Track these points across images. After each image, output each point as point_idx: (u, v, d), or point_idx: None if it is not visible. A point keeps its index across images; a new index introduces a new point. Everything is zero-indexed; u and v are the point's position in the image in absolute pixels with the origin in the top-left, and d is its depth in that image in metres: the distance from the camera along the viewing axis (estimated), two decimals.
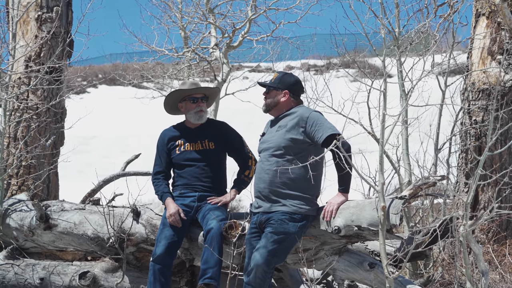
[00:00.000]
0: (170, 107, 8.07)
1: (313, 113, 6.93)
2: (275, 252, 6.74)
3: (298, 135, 6.86)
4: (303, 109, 7.05)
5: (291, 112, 7.04)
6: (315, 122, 6.84)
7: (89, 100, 38.56)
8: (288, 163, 6.77)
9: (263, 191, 6.92)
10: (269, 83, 7.20)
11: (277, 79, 7.16)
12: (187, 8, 17.60)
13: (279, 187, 6.84)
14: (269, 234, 6.77)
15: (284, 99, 7.11)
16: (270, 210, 6.85)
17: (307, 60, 40.73)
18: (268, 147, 7.00)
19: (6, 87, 9.37)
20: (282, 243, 6.75)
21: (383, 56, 7.10)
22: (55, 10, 10.23)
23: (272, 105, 7.15)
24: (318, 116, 6.91)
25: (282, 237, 6.74)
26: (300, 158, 6.71)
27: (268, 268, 6.73)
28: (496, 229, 10.39)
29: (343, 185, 6.81)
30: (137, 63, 21.33)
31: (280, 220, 6.77)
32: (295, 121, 6.90)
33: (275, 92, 7.13)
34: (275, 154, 6.91)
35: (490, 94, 10.48)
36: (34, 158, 9.76)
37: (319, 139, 6.76)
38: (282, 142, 6.89)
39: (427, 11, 9.94)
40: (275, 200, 6.85)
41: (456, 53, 10.62)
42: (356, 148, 7.20)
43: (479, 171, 6.34)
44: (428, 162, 9.91)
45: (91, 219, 8.33)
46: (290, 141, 6.86)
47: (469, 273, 6.49)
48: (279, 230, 6.75)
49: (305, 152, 6.80)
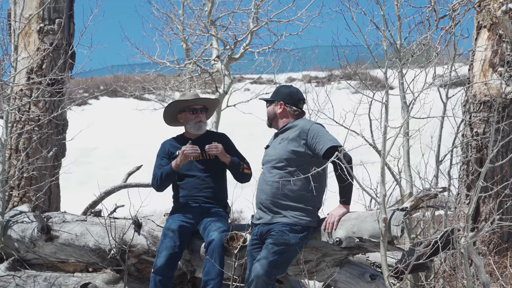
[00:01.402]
0: (169, 119, 8.08)
1: (314, 125, 6.97)
2: (276, 263, 6.74)
3: (300, 147, 6.89)
4: (304, 122, 7.10)
5: (293, 125, 7.08)
6: (316, 134, 6.87)
7: (91, 111, 38.62)
8: (290, 175, 6.79)
9: (264, 203, 6.94)
10: (266, 98, 7.36)
11: (273, 93, 7.32)
12: (189, 20, 17.68)
13: (281, 198, 6.85)
14: (269, 245, 6.77)
15: (280, 110, 7.19)
16: (271, 221, 6.87)
17: (308, 72, 40.73)
18: (270, 159, 7.04)
19: (8, 99, 9.38)
20: (283, 255, 6.75)
21: (384, 68, 7.12)
22: (57, 22, 10.24)
23: (271, 118, 7.26)
24: (319, 128, 6.94)
25: (282, 248, 6.75)
26: (302, 170, 6.74)
27: (268, 279, 6.73)
28: (497, 241, 10.37)
29: (344, 197, 6.83)
30: (138, 75, 21.41)
31: (280, 232, 6.78)
32: (297, 133, 6.94)
33: (273, 106, 7.24)
34: (276, 166, 6.94)
35: (491, 106, 10.47)
36: (36, 169, 9.76)
37: (320, 151, 6.79)
38: (284, 154, 6.92)
39: (429, 23, 9.96)
40: (276, 212, 6.86)
41: (457, 65, 10.62)
42: (358, 159, 7.21)
43: (481, 183, 6.35)
44: (430, 174, 9.91)
45: (93, 230, 8.33)
46: (292, 153, 6.89)
47: (470, 284, 6.49)
48: (280, 241, 6.75)
49: (307, 164, 6.82)
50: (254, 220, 7.11)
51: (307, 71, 40.01)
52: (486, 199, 10.39)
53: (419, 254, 6.41)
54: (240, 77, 33.66)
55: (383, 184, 6.47)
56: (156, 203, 12.24)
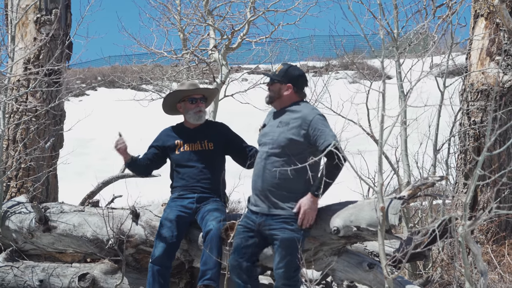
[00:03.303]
0: (168, 108, 8.07)
1: (317, 117, 6.82)
2: (293, 263, 6.72)
3: (299, 137, 6.79)
4: (307, 110, 6.94)
5: (294, 109, 6.94)
6: (318, 127, 6.76)
7: (88, 102, 38.57)
8: (287, 163, 6.72)
9: (261, 191, 6.86)
10: (273, 75, 7.10)
11: (281, 72, 7.05)
12: (186, 10, 17.60)
13: (278, 188, 6.80)
14: (279, 249, 6.75)
15: (287, 93, 6.99)
16: (269, 212, 6.82)
17: (306, 61, 40.74)
18: (267, 142, 6.93)
19: (5, 89, 9.37)
20: (294, 251, 6.69)
21: (382, 57, 7.10)
22: (54, 12, 10.24)
23: (275, 97, 7.04)
24: (322, 121, 6.81)
25: (291, 248, 6.70)
26: (299, 159, 6.66)
27: (292, 281, 6.75)
28: (495, 230, 10.40)
29: (321, 191, 6.70)
30: (136, 65, 21.35)
31: (284, 229, 6.73)
32: (298, 122, 6.81)
33: (279, 85, 7.01)
34: (274, 152, 6.84)
35: (488, 94, 10.48)
36: (33, 160, 9.77)
37: (321, 145, 6.69)
38: (282, 141, 6.81)
39: (426, 12, 9.95)
40: (274, 202, 6.80)
41: (454, 54, 10.63)
42: (355, 149, 7.21)
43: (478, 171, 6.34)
44: (427, 162, 9.93)
45: (90, 221, 8.33)
46: (289, 141, 6.80)
47: (468, 273, 6.49)
48: (286, 239, 6.71)
49: (304, 153, 6.76)
50: (250, 205, 7.03)
51: (304, 61, 40.02)
52: (483, 187, 10.42)
53: (417, 243, 6.41)
54: (238, 67, 33.57)
55: (381, 173, 6.46)
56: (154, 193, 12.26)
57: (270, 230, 6.80)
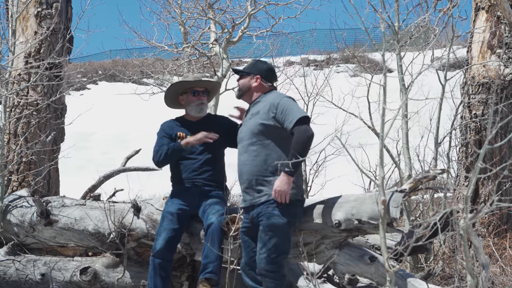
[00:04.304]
0: (170, 100, 8.06)
1: (284, 99, 6.87)
2: (275, 247, 6.71)
3: (269, 121, 6.79)
4: (274, 95, 7.01)
5: (263, 99, 7.03)
6: (285, 108, 6.76)
7: (89, 96, 38.53)
8: (265, 149, 6.75)
9: (245, 183, 6.88)
10: (241, 69, 7.26)
11: (250, 65, 7.23)
12: (187, 3, 17.57)
13: (260, 175, 6.79)
14: (262, 234, 6.75)
15: (256, 84, 7.11)
16: (256, 202, 6.80)
17: (307, 55, 40.69)
18: (243, 137, 7.01)
19: (6, 83, 9.37)
20: (277, 237, 6.70)
21: (382, 50, 7.10)
22: (54, 6, 10.23)
23: (244, 90, 7.18)
24: (289, 101, 6.84)
25: (274, 232, 6.70)
26: (277, 142, 6.70)
27: (275, 265, 6.73)
28: (497, 223, 10.41)
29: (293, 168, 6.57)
30: (136, 59, 21.33)
31: (268, 214, 6.72)
32: (267, 107, 6.86)
33: (248, 78, 7.15)
34: (250, 143, 6.88)
35: (489, 87, 10.48)
36: (35, 154, 9.78)
37: (289, 123, 6.67)
38: (255, 128, 6.84)
39: (427, 5, 9.95)
40: (258, 190, 6.80)
41: (455, 47, 10.64)
42: (357, 142, 7.22)
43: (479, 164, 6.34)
44: (428, 156, 9.93)
45: (92, 214, 8.33)
46: (261, 126, 6.81)
47: (469, 266, 6.49)
48: (269, 225, 6.70)
49: (280, 136, 6.76)
50: (242, 204, 7.07)
51: (305, 54, 39.98)
52: (485, 180, 10.42)
53: (418, 236, 6.40)
54: (239, 61, 33.55)
55: (382, 167, 6.46)
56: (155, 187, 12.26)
57: (257, 218, 6.80)
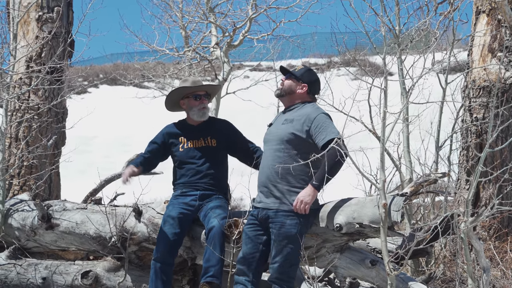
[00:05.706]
0: (171, 105, 8.07)
1: (321, 115, 6.83)
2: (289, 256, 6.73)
3: (301, 133, 6.79)
4: (312, 108, 6.96)
5: (300, 108, 6.98)
6: (321, 124, 6.76)
7: (90, 100, 38.55)
8: (290, 158, 6.74)
9: (264, 186, 6.89)
10: (292, 71, 7.12)
11: (301, 70, 7.09)
12: (188, 7, 17.61)
13: (280, 182, 6.80)
14: (275, 243, 6.76)
15: (301, 91, 7.02)
16: (270, 207, 6.81)
17: (308, 58, 40.69)
18: (271, 139, 6.98)
19: (7, 87, 9.38)
20: (292, 246, 6.71)
21: (383, 54, 7.11)
22: (55, 10, 10.24)
23: (287, 92, 7.06)
24: (325, 118, 6.81)
25: (288, 240, 6.71)
26: (302, 155, 6.69)
27: (286, 275, 6.75)
28: (498, 226, 10.39)
29: (322, 185, 6.66)
30: (138, 62, 21.37)
31: (281, 223, 6.74)
32: (302, 119, 6.83)
33: (295, 82, 7.05)
34: (277, 148, 6.87)
35: (490, 91, 10.48)
36: (36, 158, 9.77)
37: (320, 141, 6.70)
38: (285, 136, 6.82)
39: (428, 8, 9.96)
40: (276, 196, 6.81)
41: (456, 50, 10.64)
42: (357, 146, 7.21)
43: (480, 168, 6.35)
44: (429, 159, 9.92)
45: (93, 218, 8.34)
46: (292, 135, 6.81)
47: (470, 269, 6.50)
48: (284, 234, 6.71)
49: (307, 149, 6.76)
50: (255, 202, 7.05)
51: (306, 57, 39.98)
52: (486, 184, 10.41)
53: (419, 239, 6.42)
54: (240, 64, 33.56)
55: (383, 170, 6.48)
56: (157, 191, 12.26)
57: (270, 223, 6.81)
